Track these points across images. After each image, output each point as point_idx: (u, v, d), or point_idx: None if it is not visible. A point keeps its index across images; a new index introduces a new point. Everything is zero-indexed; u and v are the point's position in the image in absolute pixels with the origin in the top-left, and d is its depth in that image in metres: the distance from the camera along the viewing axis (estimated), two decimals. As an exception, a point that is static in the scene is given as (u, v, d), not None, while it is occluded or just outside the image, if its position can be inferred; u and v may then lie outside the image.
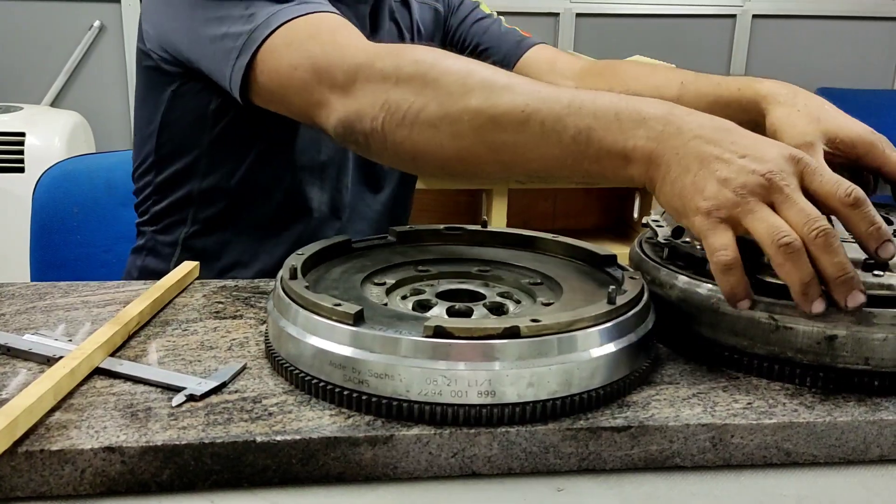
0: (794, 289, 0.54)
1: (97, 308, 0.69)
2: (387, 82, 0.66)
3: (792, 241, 0.53)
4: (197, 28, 0.80)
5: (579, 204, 2.69)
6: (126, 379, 0.56)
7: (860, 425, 0.53)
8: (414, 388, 0.50)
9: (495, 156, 0.63)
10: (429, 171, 0.71)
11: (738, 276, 0.55)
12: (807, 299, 0.54)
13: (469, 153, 0.64)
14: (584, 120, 0.59)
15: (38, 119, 2.34)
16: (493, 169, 0.65)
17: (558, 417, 0.51)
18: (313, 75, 0.71)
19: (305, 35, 0.73)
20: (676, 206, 0.57)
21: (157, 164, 0.95)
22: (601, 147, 0.59)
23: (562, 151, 0.60)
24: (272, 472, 0.49)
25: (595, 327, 0.53)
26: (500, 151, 0.63)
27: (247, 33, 0.75)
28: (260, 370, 0.58)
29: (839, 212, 0.55)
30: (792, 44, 3.02)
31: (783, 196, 0.54)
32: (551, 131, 0.60)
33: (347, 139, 0.70)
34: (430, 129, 0.64)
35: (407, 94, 0.65)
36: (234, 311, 0.69)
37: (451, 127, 0.64)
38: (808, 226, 0.53)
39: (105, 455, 0.47)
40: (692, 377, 0.58)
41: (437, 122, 0.64)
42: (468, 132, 0.63)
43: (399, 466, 0.50)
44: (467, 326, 0.51)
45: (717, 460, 0.52)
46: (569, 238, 0.72)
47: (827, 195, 0.55)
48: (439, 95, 0.64)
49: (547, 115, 0.60)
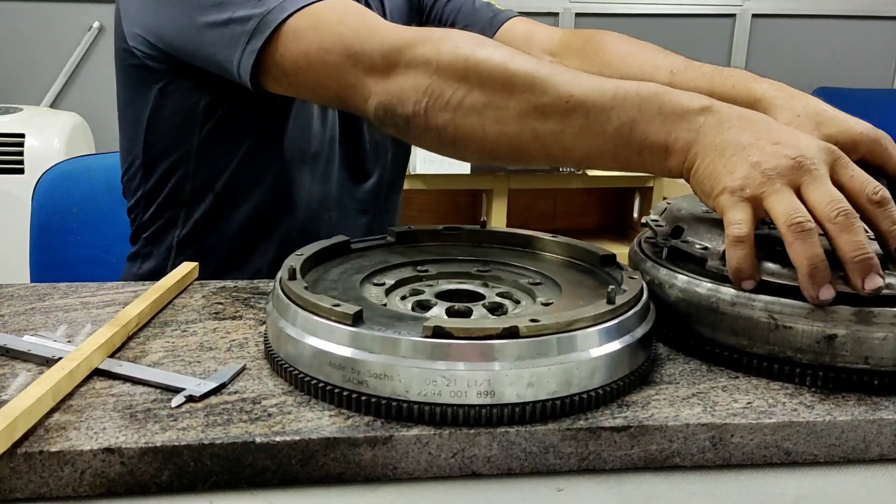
0: (802, 270, 0.54)
1: (96, 309, 0.69)
2: (429, 67, 0.67)
3: (804, 221, 0.53)
4: (192, 16, 0.79)
5: (579, 204, 2.69)
6: (125, 380, 0.56)
7: (860, 424, 0.53)
8: (413, 388, 0.50)
9: (538, 143, 0.64)
10: (469, 156, 0.71)
11: (747, 251, 0.55)
12: (813, 282, 0.54)
13: (512, 139, 0.65)
14: (629, 113, 0.60)
15: (37, 120, 2.34)
16: (535, 155, 0.66)
17: (558, 417, 0.51)
18: (347, 58, 0.71)
19: (334, 18, 0.73)
20: (706, 188, 0.59)
21: (146, 167, 0.94)
22: (644, 140, 0.60)
23: (605, 142, 0.62)
24: (272, 472, 0.49)
25: (594, 327, 0.53)
26: (544, 139, 0.64)
27: (258, 16, 0.74)
28: (259, 371, 0.58)
29: (866, 209, 0.56)
30: (791, 43, 3.02)
31: (811, 177, 0.55)
32: (595, 122, 0.61)
33: (387, 122, 0.71)
34: (474, 115, 0.65)
35: (450, 80, 0.66)
36: (233, 312, 0.69)
37: (496, 113, 0.65)
38: (830, 206, 0.54)
39: (104, 456, 0.47)
40: (692, 377, 0.58)
41: (482, 109, 0.65)
42: (512, 119, 0.64)
43: (399, 467, 0.50)
44: (466, 327, 0.51)
45: (716, 460, 0.52)
46: (568, 238, 0.72)
47: (856, 191, 0.56)
48: (483, 82, 0.65)
49: (592, 107, 0.62)
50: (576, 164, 0.67)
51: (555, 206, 2.68)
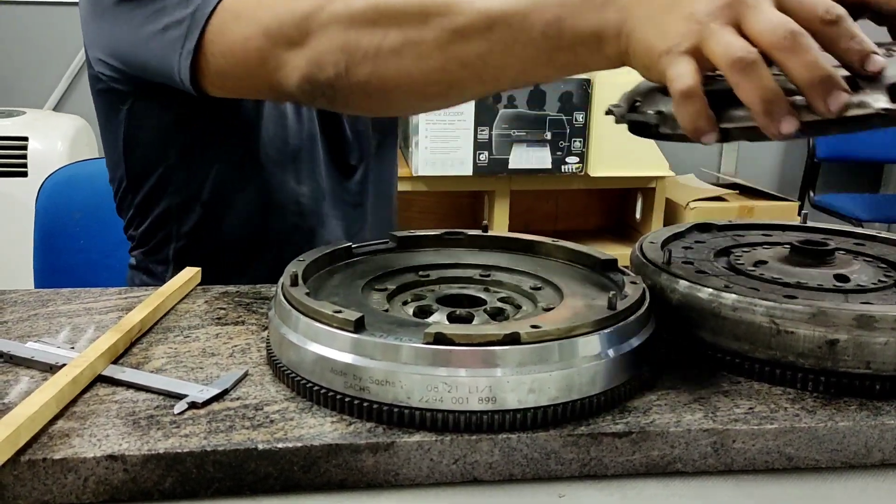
0: (755, 109, 0.48)
1: (99, 315, 0.70)
2: (340, 23, 0.63)
3: (745, 55, 0.47)
4: (137, 29, 0.77)
5: (581, 205, 2.69)
6: (128, 386, 0.56)
7: (862, 429, 0.53)
8: (415, 394, 0.50)
9: (467, 70, 0.61)
10: (403, 106, 0.68)
11: (699, 105, 0.49)
12: (771, 119, 0.48)
13: (440, 73, 0.61)
14: (551, 11, 0.56)
15: (40, 123, 2.34)
16: (469, 84, 0.62)
17: (559, 423, 0.51)
18: (267, 40, 0.67)
19: (254, 3, 0.69)
20: (645, 62, 0.53)
21: (132, 187, 0.93)
22: (575, 35, 0.56)
23: (535, 50, 0.57)
24: (274, 479, 0.49)
25: (596, 333, 0.53)
26: (471, 64, 0.60)
27: (189, 17, 0.71)
28: (261, 377, 0.58)
29: (822, 32, 0.48)
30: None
31: (747, 8, 0.49)
32: (520, 31, 0.57)
33: (315, 95, 0.67)
34: (395, 58, 0.62)
35: (363, 30, 0.62)
36: (235, 318, 0.69)
37: (416, 49, 0.61)
38: (774, 32, 0.47)
39: (108, 463, 0.47)
40: (693, 382, 0.58)
41: (400, 49, 0.61)
42: (434, 51, 0.61)
43: (400, 473, 0.50)
44: (468, 333, 0.51)
45: (718, 465, 0.52)
46: (569, 242, 0.72)
47: (807, 14, 0.48)
48: (397, 22, 0.61)
49: (513, 16, 0.57)
50: (511, 84, 0.62)
51: (556, 207, 2.68)
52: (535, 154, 2.26)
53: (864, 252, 0.73)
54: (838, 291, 0.62)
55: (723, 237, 0.76)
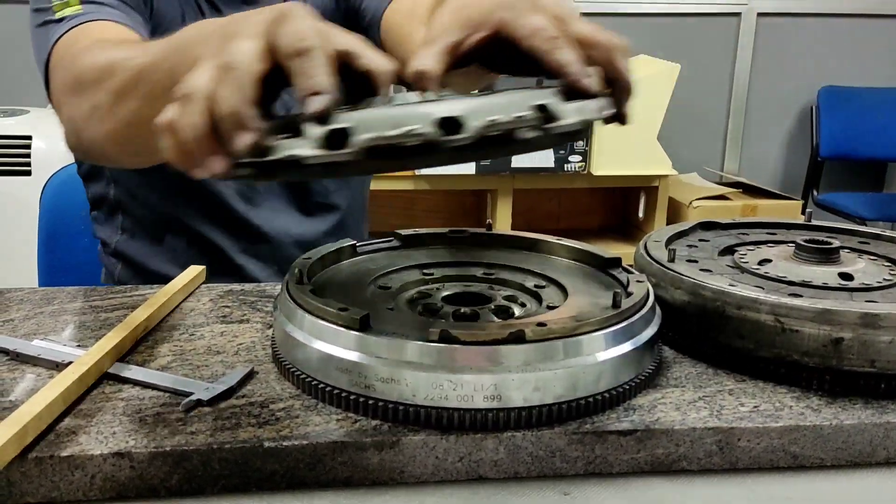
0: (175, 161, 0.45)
1: (105, 313, 0.70)
2: (65, 94, 0.71)
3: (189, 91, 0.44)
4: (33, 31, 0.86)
5: (584, 204, 2.69)
6: (134, 384, 0.56)
7: (867, 428, 0.53)
8: (420, 392, 0.50)
9: (133, 129, 0.62)
10: (131, 161, 0.76)
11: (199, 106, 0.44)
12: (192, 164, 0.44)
13: (116, 134, 0.66)
14: (170, 60, 0.55)
15: (44, 122, 2.34)
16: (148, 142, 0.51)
17: (564, 421, 0.51)
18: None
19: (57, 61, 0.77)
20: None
21: (84, 181, 1.03)
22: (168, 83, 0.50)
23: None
24: (280, 476, 0.49)
25: (600, 331, 0.53)
26: (135, 123, 0.61)
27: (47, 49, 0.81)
28: (267, 375, 0.58)
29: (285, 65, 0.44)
30: (797, 42, 3.01)
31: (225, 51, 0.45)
32: (156, 84, 0.57)
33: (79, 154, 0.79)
34: (92, 123, 0.67)
35: (73, 99, 0.69)
36: (240, 316, 0.69)
37: (97, 114, 0.66)
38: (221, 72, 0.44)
39: (114, 460, 0.48)
40: (698, 380, 0.58)
41: (90, 115, 0.66)
42: (107, 115, 0.65)
43: (406, 471, 0.50)
44: (473, 331, 0.51)
45: (723, 464, 0.52)
46: (573, 241, 0.72)
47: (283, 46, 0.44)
48: (84, 89, 0.67)
49: (149, 68, 0.58)
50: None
51: (559, 206, 2.68)
52: (538, 153, 2.26)
53: (869, 250, 0.73)
54: (843, 290, 0.62)
55: (727, 235, 0.76)
